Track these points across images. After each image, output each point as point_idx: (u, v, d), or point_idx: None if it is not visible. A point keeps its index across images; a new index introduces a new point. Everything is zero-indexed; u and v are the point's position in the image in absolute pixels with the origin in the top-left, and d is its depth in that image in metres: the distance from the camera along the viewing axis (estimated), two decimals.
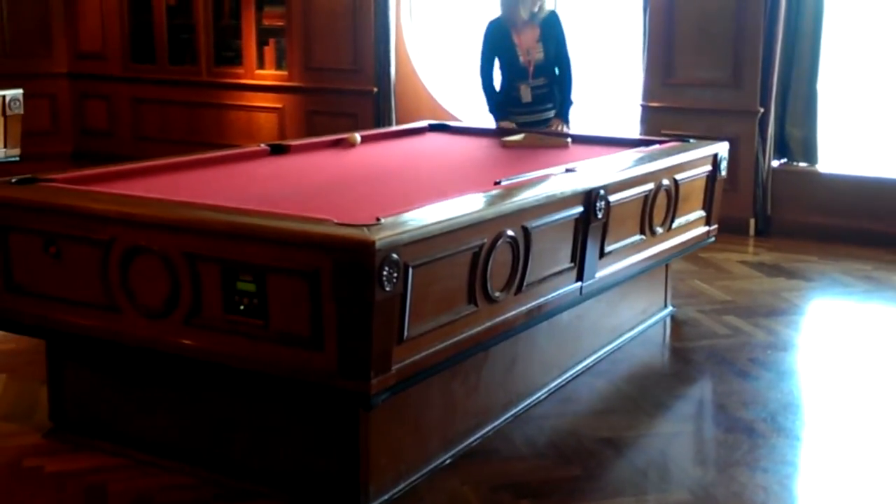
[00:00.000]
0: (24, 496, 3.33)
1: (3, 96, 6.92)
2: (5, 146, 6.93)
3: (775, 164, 7.35)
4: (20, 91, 7.04)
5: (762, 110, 7.16)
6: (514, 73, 5.88)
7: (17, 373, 4.36)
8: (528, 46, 5.82)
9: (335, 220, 3.01)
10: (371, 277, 2.82)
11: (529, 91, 5.86)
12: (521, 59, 5.83)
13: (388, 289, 2.87)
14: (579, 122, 6.43)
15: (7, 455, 3.62)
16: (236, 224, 3.08)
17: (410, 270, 2.98)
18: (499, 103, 5.95)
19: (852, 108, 7.85)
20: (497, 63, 5.95)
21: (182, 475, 3.44)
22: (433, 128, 5.85)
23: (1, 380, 4.32)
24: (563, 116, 5.96)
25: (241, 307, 3.06)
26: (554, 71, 5.92)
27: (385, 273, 2.85)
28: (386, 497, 3.27)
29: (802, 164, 7.32)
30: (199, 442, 3.49)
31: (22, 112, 7.02)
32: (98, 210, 3.34)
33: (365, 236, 2.85)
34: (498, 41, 5.87)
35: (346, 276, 2.85)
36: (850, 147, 7.65)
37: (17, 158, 7.00)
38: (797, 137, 7.29)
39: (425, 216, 3.16)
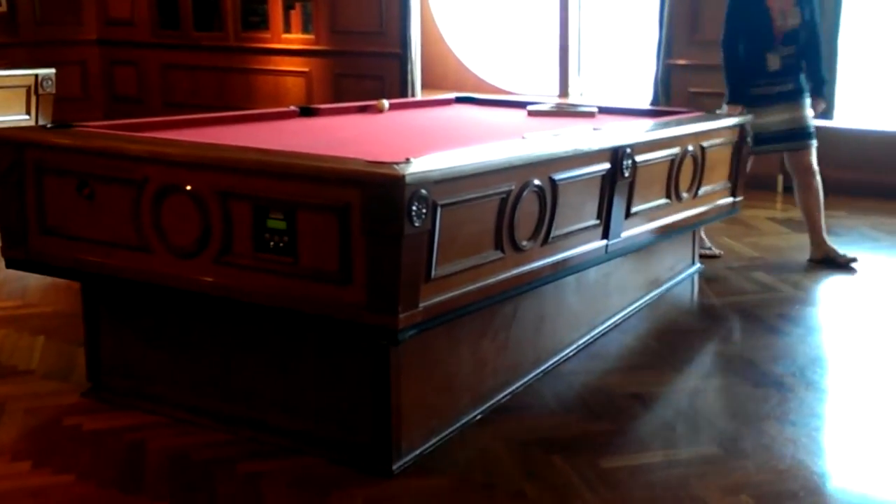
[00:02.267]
0: (65, 454, 3.41)
1: (36, 75, 6.98)
2: (36, 124, 7.01)
3: None
4: (52, 70, 7.10)
5: None
6: (760, 40, 5.42)
7: (54, 334, 4.44)
8: (784, 9, 5.40)
9: (365, 160, 3.05)
10: (400, 211, 2.85)
11: (778, 59, 5.41)
12: (775, 24, 5.38)
13: (416, 224, 2.89)
14: (602, 89, 6.30)
15: (47, 414, 3.70)
16: (267, 162, 3.13)
17: (439, 209, 3.00)
18: (739, 80, 5.50)
19: (873, 62, 7.76)
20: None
21: (218, 433, 3.50)
22: (459, 100, 5.84)
23: (39, 341, 4.41)
24: (822, 93, 5.57)
25: (271, 245, 3.10)
26: (803, 39, 5.45)
27: (414, 208, 2.87)
28: (417, 453, 3.32)
29: (826, 122, 7.25)
30: (234, 400, 3.55)
31: (54, 91, 7.09)
32: (132, 150, 3.38)
33: (395, 171, 2.87)
34: (748, 5, 5.44)
35: (376, 209, 2.87)
36: (873, 102, 7.57)
37: None
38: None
39: (454, 158, 3.20)
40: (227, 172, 3.17)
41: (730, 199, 5.11)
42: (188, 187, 3.22)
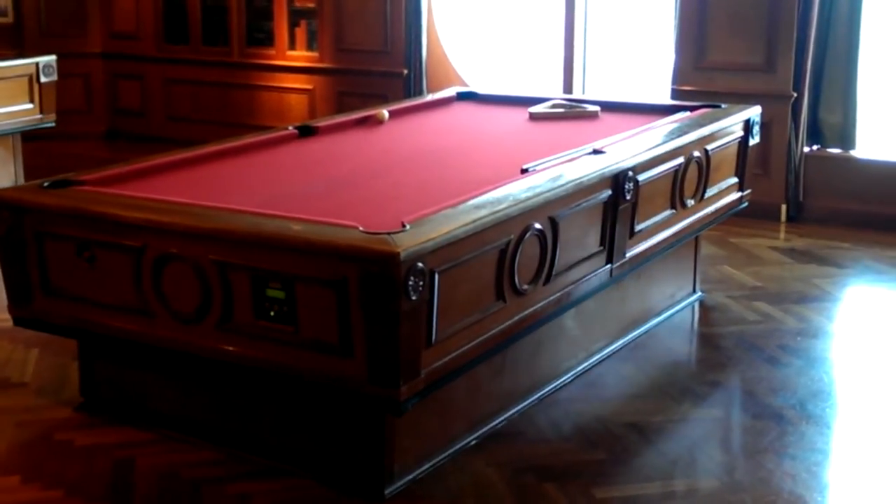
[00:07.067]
0: (55, 468, 3.38)
1: (37, 63, 6.94)
2: (41, 112, 6.97)
3: (807, 149, 7.26)
4: (53, 57, 7.04)
5: (795, 95, 7.09)
6: None
7: (48, 348, 4.40)
8: None
9: (361, 228, 3.01)
10: (397, 288, 2.83)
11: None
12: None
13: (414, 298, 2.87)
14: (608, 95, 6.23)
15: (39, 428, 3.68)
16: (263, 233, 3.09)
17: (437, 276, 2.97)
18: None
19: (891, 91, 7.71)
20: None
21: (209, 451, 3.47)
22: (461, 96, 5.75)
23: (33, 355, 4.38)
24: None
25: (272, 314, 3.08)
26: None
27: (411, 283, 2.85)
28: (410, 477, 3.29)
29: (836, 150, 7.22)
30: (226, 420, 3.52)
31: (55, 78, 7.04)
32: (128, 218, 3.34)
33: (390, 248, 2.84)
34: None
35: (372, 287, 2.86)
36: (888, 132, 7.52)
37: (53, 124, 7.06)
38: (831, 123, 7.20)
39: (450, 221, 3.12)
40: (222, 243, 3.14)
41: (737, 195, 5.03)
42: (186, 256, 3.19)
